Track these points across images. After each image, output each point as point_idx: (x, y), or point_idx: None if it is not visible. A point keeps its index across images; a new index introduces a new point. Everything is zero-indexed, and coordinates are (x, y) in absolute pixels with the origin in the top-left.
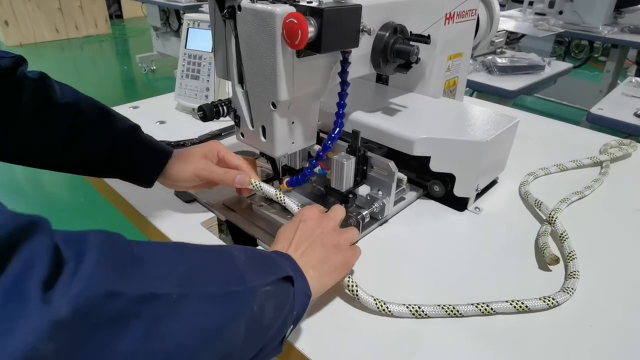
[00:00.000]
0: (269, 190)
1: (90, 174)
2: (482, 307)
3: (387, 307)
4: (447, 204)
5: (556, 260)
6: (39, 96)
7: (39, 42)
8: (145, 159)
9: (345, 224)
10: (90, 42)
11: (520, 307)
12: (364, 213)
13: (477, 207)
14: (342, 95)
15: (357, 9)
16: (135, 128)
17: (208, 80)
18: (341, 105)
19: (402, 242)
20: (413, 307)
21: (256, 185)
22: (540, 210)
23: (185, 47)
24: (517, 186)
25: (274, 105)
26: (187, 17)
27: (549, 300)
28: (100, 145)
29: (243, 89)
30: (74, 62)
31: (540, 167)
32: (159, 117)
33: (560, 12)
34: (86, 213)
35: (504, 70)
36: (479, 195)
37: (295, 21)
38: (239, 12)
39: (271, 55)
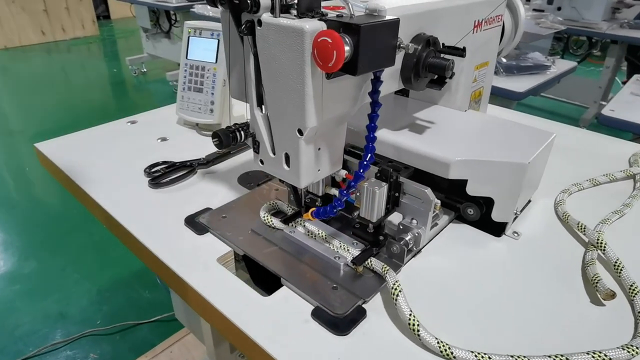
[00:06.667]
0: None
1: None
2: (559, 359)
3: (452, 352)
4: (481, 229)
5: (612, 296)
6: None
7: (24, 45)
8: None
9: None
10: (78, 44)
11: (602, 359)
12: (397, 246)
13: (515, 232)
14: (373, 117)
15: (395, 23)
16: None
17: (213, 94)
18: (372, 128)
19: (441, 275)
20: (482, 356)
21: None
22: (585, 234)
23: (187, 57)
24: (551, 205)
25: (300, 132)
26: (187, 24)
27: (631, 349)
28: None
29: (263, 112)
30: (61, 64)
31: (572, 182)
32: (160, 133)
33: (559, 9)
34: (81, 225)
35: (510, 70)
36: (514, 217)
37: (330, 40)
38: (258, 28)
39: (298, 78)
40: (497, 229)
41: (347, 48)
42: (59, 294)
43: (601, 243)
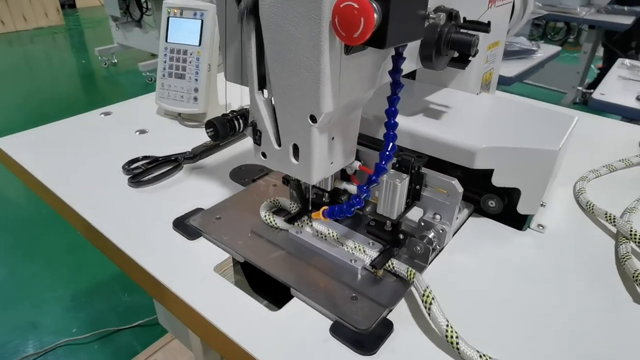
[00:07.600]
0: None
1: None
2: None
3: None
4: (503, 221)
5: None
6: None
7: None
8: None
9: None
10: (41, 34)
11: None
12: (420, 245)
13: (539, 225)
14: (394, 100)
15: None
16: None
17: (197, 80)
18: (392, 112)
19: (468, 276)
20: None
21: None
22: (614, 224)
23: (166, 41)
24: (570, 193)
25: (313, 119)
26: (166, 4)
27: None
28: None
29: (265, 96)
30: (24, 56)
31: (584, 168)
32: (138, 125)
33: None
34: (52, 227)
35: None
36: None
37: (356, 6)
38: None
39: (313, 53)
40: (520, 222)
41: (375, 16)
42: (29, 302)
43: (635, 234)
